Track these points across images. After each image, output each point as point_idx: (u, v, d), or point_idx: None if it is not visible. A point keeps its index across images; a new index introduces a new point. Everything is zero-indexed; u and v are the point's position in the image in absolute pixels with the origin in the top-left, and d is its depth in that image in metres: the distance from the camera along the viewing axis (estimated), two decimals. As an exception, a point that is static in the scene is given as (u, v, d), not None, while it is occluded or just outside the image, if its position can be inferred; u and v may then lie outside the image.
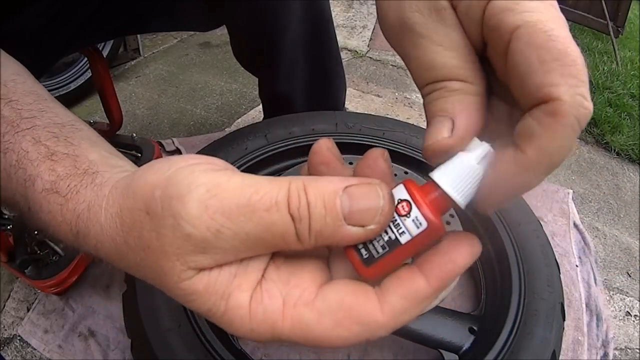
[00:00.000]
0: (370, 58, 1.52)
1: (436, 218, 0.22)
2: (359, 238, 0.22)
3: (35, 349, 0.68)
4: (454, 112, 0.23)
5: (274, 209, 0.20)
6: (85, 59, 1.12)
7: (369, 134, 0.80)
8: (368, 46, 1.57)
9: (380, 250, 0.22)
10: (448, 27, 0.24)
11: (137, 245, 0.23)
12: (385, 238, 0.22)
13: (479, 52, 0.25)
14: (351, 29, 1.66)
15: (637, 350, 0.75)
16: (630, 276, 0.88)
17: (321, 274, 0.24)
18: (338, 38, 0.87)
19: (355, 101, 1.29)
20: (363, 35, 1.63)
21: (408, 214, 0.22)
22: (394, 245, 0.22)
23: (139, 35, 1.42)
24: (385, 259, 0.22)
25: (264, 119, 0.98)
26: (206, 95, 1.30)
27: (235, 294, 0.22)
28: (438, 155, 0.24)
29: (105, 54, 1.23)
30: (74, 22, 0.63)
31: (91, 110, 1.20)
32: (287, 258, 0.24)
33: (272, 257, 0.24)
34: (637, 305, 0.82)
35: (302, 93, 0.88)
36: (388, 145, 0.78)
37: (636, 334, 0.78)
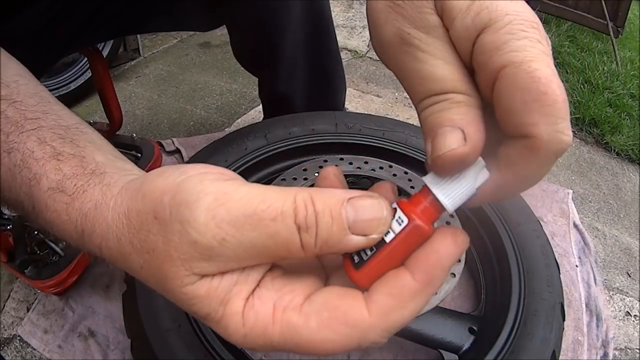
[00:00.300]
0: (370, 58, 1.52)
1: (420, 219, 0.23)
2: (360, 246, 0.22)
3: (35, 349, 0.68)
4: (462, 123, 0.23)
5: (279, 219, 0.21)
6: (85, 59, 1.12)
7: (368, 134, 0.80)
8: (368, 46, 1.57)
9: (369, 252, 0.23)
10: (446, 44, 0.24)
11: (142, 247, 0.23)
12: None
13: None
14: (351, 29, 1.66)
15: (637, 350, 0.75)
16: (630, 276, 0.88)
17: (315, 284, 0.24)
18: (338, 38, 0.87)
19: (355, 101, 1.29)
20: (363, 35, 1.63)
21: (393, 216, 0.23)
22: (380, 244, 0.23)
23: (139, 35, 1.42)
24: (373, 260, 0.23)
25: (263, 119, 0.98)
26: (206, 96, 1.30)
27: (234, 301, 0.22)
28: (451, 166, 0.23)
29: (105, 54, 1.23)
30: (74, 22, 0.63)
31: (91, 110, 1.20)
32: (286, 271, 0.25)
33: (271, 268, 0.24)
34: (637, 305, 0.82)
35: (302, 93, 0.88)
36: (388, 145, 0.78)
37: (636, 334, 0.77)
